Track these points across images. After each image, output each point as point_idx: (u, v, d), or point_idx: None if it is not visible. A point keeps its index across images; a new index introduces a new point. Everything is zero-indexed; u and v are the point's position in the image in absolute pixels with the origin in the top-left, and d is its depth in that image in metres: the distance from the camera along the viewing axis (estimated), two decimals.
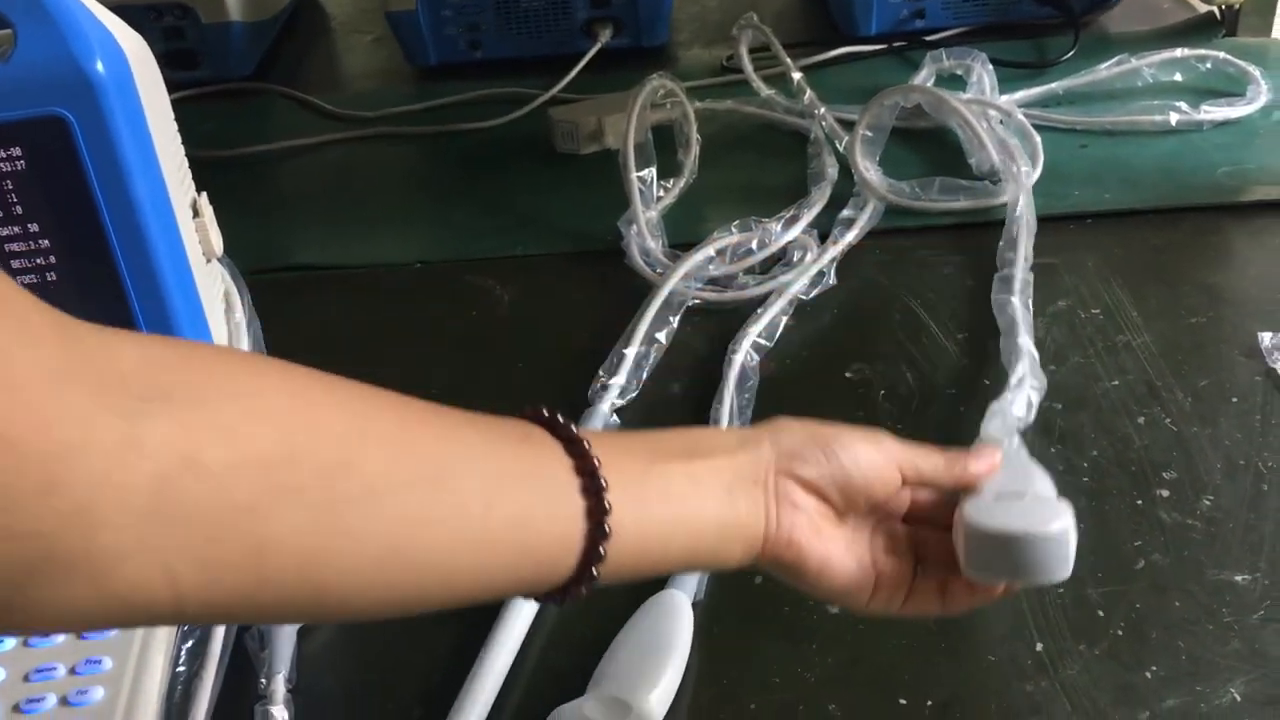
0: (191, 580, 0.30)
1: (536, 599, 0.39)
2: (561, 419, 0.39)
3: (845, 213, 0.86)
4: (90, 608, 0.30)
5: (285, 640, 0.55)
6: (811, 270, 0.80)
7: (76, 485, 0.28)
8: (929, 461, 0.45)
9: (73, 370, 0.29)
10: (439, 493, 0.34)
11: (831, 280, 0.80)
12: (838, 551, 0.43)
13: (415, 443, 0.34)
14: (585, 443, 0.37)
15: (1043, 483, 0.45)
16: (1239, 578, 0.56)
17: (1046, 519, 0.42)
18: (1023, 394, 0.64)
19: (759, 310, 0.76)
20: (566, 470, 0.37)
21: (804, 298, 0.79)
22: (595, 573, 0.37)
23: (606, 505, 0.37)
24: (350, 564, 0.32)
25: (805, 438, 0.43)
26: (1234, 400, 0.67)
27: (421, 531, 0.33)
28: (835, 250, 0.82)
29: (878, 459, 0.43)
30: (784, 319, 0.76)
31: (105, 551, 0.29)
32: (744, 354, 0.72)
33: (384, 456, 0.33)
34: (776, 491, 0.42)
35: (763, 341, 0.74)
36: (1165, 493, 0.61)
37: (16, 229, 0.57)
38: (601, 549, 0.37)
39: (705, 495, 0.40)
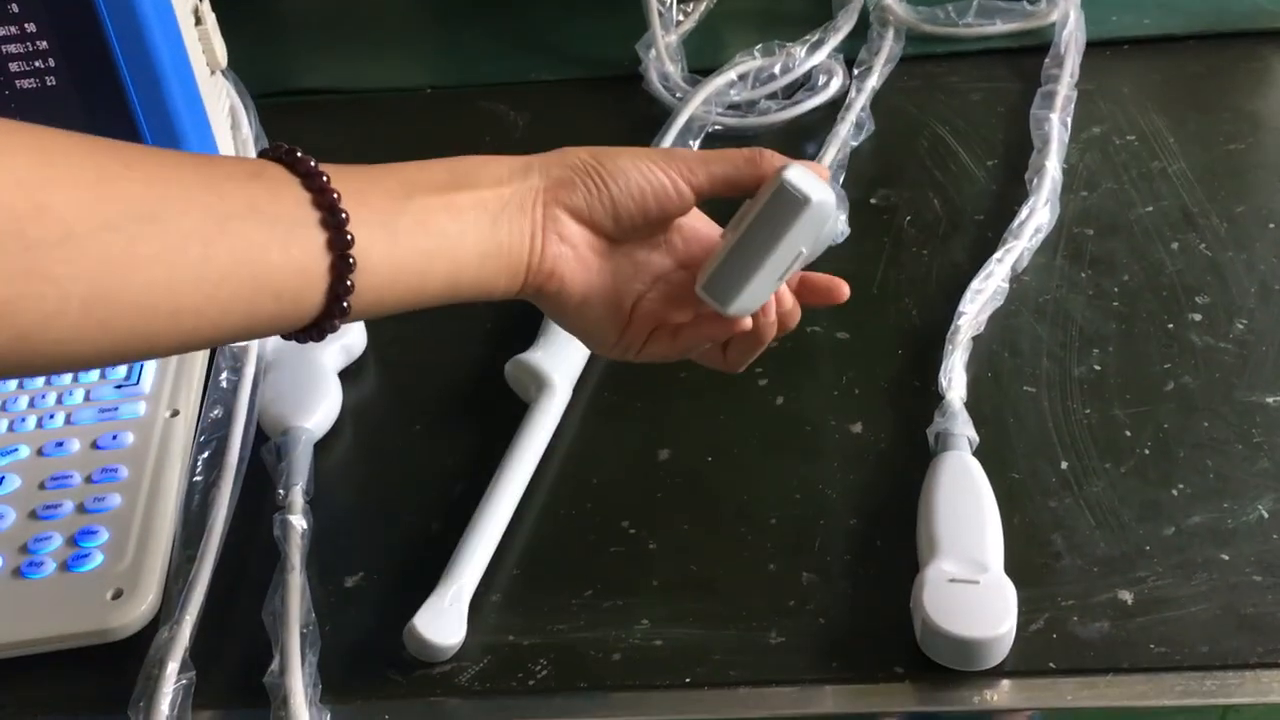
0: None
1: (290, 337, 0.39)
2: (301, 154, 0.37)
3: (871, 39, 0.83)
4: None
5: (303, 452, 0.55)
6: (832, 95, 0.77)
7: None
8: (722, 165, 0.43)
9: None
10: (148, 233, 0.33)
11: (869, 123, 0.77)
12: (600, 288, 0.43)
13: (117, 184, 0.33)
14: (324, 177, 0.37)
15: (994, 536, 0.47)
16: (1270, 399, 0.55)
17: (996, 620, 0.44)
18: (1030, 226, 0.63)
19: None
20: (303, 205, 0.36)
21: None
22: (345, 305, 0.37)
23: (349, 238, 0.37)
24: (53, 308, 0.31)
25: (580, 165, 0.42)
26: (1271, 226, 0.65)
27: (132, 273, 0.33)
28: (870, 83, 0.78)
29: (655, 179, 0.42)
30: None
31: None
32: None
33: (81, 199, 0.32)
34: (544, 221, 0.42)
35: None
36: (1197, 317, 0.60)
37: (14, 29, 0.55)
38: (349, 281, 0.37)
39: (466, 225, 0.40)
